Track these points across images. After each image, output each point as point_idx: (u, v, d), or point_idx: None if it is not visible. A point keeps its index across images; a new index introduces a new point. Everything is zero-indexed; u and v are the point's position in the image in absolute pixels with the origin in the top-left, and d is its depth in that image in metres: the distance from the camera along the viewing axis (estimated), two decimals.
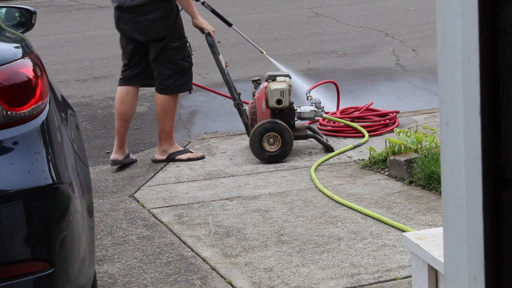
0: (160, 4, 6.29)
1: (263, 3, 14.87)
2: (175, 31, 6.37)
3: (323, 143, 6.48)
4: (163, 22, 6.31)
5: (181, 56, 6.40)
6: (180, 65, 6.40)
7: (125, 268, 4.68)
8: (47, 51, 11.41)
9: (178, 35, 6.39)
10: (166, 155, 6.50)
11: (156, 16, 6.29)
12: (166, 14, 6.31)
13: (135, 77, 6.50)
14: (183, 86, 6.46)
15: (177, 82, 6.41)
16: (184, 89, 6.49)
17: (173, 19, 6.34)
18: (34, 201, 3.11)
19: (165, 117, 6.44)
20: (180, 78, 6.41)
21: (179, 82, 6.42)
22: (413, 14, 12.94)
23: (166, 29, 6.32)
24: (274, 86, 6.37)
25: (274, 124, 6.33)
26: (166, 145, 6.49)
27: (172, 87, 6.41)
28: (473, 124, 1.42)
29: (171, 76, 6.38)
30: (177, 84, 6.42)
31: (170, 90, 6.41)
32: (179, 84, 6.43)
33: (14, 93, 3.19)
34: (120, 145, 6.50)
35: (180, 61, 6.40)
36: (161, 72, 6.39)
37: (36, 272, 3.09)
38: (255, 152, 6.36)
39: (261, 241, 4.91)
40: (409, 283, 4.21)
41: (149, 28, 6.33)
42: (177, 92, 6.46)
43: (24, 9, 4.37)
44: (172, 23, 6.33)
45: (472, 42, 1.41)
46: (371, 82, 9.09)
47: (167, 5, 6.32)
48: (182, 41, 6.41)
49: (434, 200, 5.34)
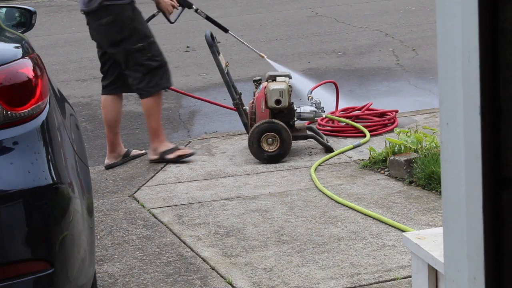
0: (110, 8, 6.24)
1: (263, 3, 14.86)
2: (133, 33, 6.30)
3: (322, 143, 6.48)
4: (115, 26, 6.27)
5: (146, 57, 6.34)
6: (148, 65, 6.34)
7: (125, 268, 4.68)
8: (47, 51, 11.41)
9: (139, 37, 6.32)
10: (158, 155, 6.50)
11: (107, 20, 6.26)
12: (118, 18, 6.25)
13: (111, 85, 6.52)
14: (157, 85, 6.41)
15: (150, 83, 6.37)
16: (158, 88, 6.42)
17: (127, 22, 6.27)
18: (34, 201, 3.11)
19: (150, 116, 6.45)
20: (152, 79, 6.36)
21: (152, 83, 6.37)
22: (413, 14, 12.94)
23: (119, 33, 6.27)
24: (273, 86, 6.37)
25: (272, 124, 6.33)
26: (156, 144, 6.48)
27: (146, 89, 6.39)
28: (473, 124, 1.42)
29: (143, 79, 6.35)
30: (151, 85, 6.37)
31: (146, 93, 6.40)
32: (153, 85, 6.38)
33: (14, 93, 3.19)
34: (110, 150, 6.59)
35: (147, 61, 6.34)
36: (134, 77, 6.38)
37: (36, 272, 3.09)
38: (254, 153, 6.36)
39: (261, 241, 4.91)
40: (409, 283, 4.21)
41: (104, 33, 6.32)
42: (153, 93, 6.40)
43: (24, 9, 4.37)
44: (126, 26, 6.27)
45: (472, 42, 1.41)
46: (371, 82, 9.09)
47: (118, 9, 6.25)
48: (145, 41, 6.35)
49: (434, 200, 5.34)
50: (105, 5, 6.23)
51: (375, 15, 13.02)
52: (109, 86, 6.53)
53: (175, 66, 10.49)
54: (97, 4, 6.24)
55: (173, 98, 8.76)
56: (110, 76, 6.52)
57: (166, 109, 8.59)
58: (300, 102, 7.33)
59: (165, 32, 12.56)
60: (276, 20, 13.20)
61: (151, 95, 6.39)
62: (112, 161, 6.57)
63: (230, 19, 12.78)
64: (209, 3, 14.46)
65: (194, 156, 6.60)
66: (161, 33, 12.93)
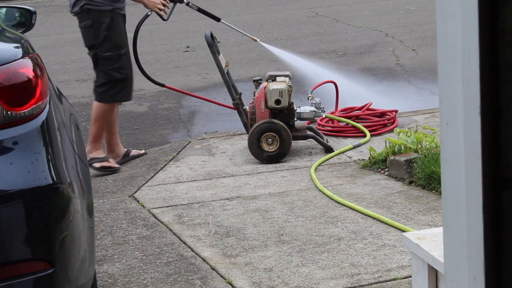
0: (91, 13, 6.28)
1: (263, 3, 14.87)
2: (106, 41, 6.31)
3: (322, 143, 6.48)
4: (92, 31, 6.30)
5: (112, 67, 6.34)
6: (111, 75, 6.35)
7: (125, 268, 4.68)
8: (47, 51, 11.41)
9: (110, 46, 6.32)
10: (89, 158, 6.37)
11: (86, 24, 6.32)
12: (96, 23, 6.28)
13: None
14: (113, 97, 6.41)
15: (108, 92, 6.38)
16: (113, 99, 6.42)
17: (103, 29, 6.29)
18: (34, 201, 3.11)
19: (96, 122, 6.41)
20: (111, 89, 6.37)
21: (110, 92, 6.38)
22: (413, 14, 12.94)
23: (95, 39, 6.31)
24: (273, 86, 6.37)
25: (271, 124, 6.33)
26: (90, 147, 6.39)
27: (102, 95, 6.40)
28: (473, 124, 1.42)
29: (103, 85, 6.38)
30: (108, 94, 6.39)
31: (99, 98, 6.41)
32: (110, 94, 6.39)
33: (14, 93, 3.19)
34: (109, 150, 6.62)
35: (111, 71, 6.35)
36: (96, 79, 6.44)
37: (36, 272, 3.09)
38: (254, 153, 6.36)
39: (261, 241, 4.91)
40: (409, 283, 4.21)
41: (83, 35, 6.40)
42: (106, 101, 6.40)
43: (24, 9, 4.37)
44: (102, 33, 6.29)
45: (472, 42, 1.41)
46: (371, 82, 9.09)
47: (98, 14, 6.28)
48: (115, 52, 6.34)
49: (434, 200, 5.34)
50: (86, 9, 6.29)
51: (375, 15, 13.02)
52: None
53: (175, 66, 10.50)
54: (78, 8, 6.31)
55: (173, 98, 8.77)
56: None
57: (166, 109, 8.60)
58: (300, 102, 7.33)
59: (165, 32, 12.57)
60: (276, 20, 13.20)
61: (104, 102, 6.40)
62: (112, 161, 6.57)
63: (230, 19, 12.76)
64: (209, 3, 14.45)
65: (193, 155, 6.60)
66: (161, 33, 12.94)
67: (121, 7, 6.38)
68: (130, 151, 6.71)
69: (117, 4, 6.35)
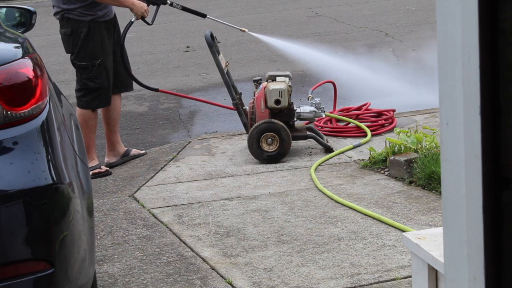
0: (70, 21, 6.32)
1: (263, 3, 14.87)
2: (81, 51, 6.34)
3: (322, 143, 6.48)
4: (71, 40, 6.35)
5: (87, 76, 6.38)
6: (85, 84, 6.39)
7: (125, 268, 4.68)
8: (47, 51, 11.41)
9: (85, 55, 6.34)
10: None
11: (66, 32, 6.37)
12: (75, 32, 6.32)
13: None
14: (88, 103, 6.44)
15: (82, 98, 6.44)
16: (87, 106, 6.45)
17: (81, 38, 6.31)
18: (34, 201, 3.11)
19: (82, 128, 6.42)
20: (85, 95, 6.43)
21: (85, 99, 6.43)
22: (413, 14, 12.94)
23: (73, 47, 6.36)
24: (273, 86, 6.37)
25: (271, 124, 6.33)
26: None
27: (78, 99, 6.48)
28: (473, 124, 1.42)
29: (79, 90, 6.45)
30: (83, 100, 6.44)
31: (78, 102, 6.47)
32: (85, 101, 6.44)
33: (14, 93, 3.19)
34: (110, 148, 6.65)
35: (85, 80, 6.39)
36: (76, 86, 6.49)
37: (36, 272, 3.09)
38: (253, 153, 6.36)
39: (261, 241, 4.91)
40: (409, 283, 4.21)
41: (62, 42, 6.46)
42: (82, 107, 6.45)
43: (24, 9, 4.38)
44: (79, 42, 6.32)
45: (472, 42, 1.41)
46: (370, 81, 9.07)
47: (76, 23, 6.30)
48: (90, 62, 6.36)
49: (434, 200, 5.34)
50: (66, 17, 6.33)
51: (375, 15, 13.02)
52: None
53: (175, 66, 10.50)
54: (59, 15, 6.35)
55: (173, 98, 8.76)
56: None
57: (166, 109, 8.60)
58: (300, 102, 7.33)
59: (165, 32, 12.57)
60: (276, 20, 13.20)
61: (81, 108, 6.44)
62: (112, 160, 6.59)
63: (230, 19, 12.77)
64: (209, 3, 14.47)
65: (193, 155, 6.61)
66: (161, 33, 12.94)
67: (103, 14, 6.38)
68: (130, 151, 6.73)
69: (99, 12, 6.35)
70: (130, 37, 6.54)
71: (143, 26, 6.72)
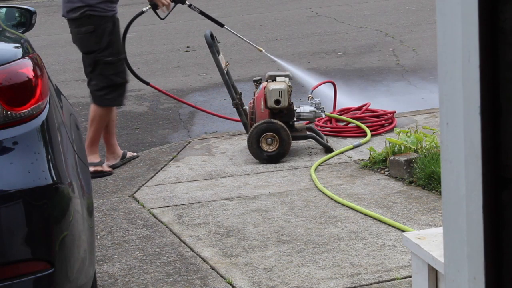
0: (92, 19, 6.27)
1: (263, 3, 14.87)
2: (108, 47, 6.33)
3: (322, 143, 6.47)
4: (94, 37, 6.30)
5: (114, 72, 6.38)
6: (112, 80, 6.39)
7: (125, 268, 4.68)
8: (47, 51, 11.41)
9: (112, 51, 6.35)
10: None
11: (87, 30, 6.30)
12: (98, 29, 6.29)
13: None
14: (113, 100, 6.45)
15: (107, 96, 6.41)
16: (113, 103, 6.46)
17: (106, 35, 6.31)
18: (34, 201, 3.11)
19: (92, 125, 6.45)
20: (111, 93, 6.41)
21: (110, 96, 6.41)
22: (413, 14, 12.95)
23: (96, 44, 6.31)
24: (272, 86, 6.37)
25: (270, 124, 6.33)
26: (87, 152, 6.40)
27: (102, 99, 6.42)
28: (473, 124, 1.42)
29: (102, 89, 6.40)
30: (107, 98, 6.42)
31: (99, 102, 6.43)
32: (109, 98, 6.42)
33: (14, 93, 3.19)
34: (110, 151, 6.62)
35: (113, 76, 6.39)
36: (95, 83, 6.43)
37: (36, 272, 3.09)
38: (253, 153, 6.36)
39: (261, 241, 4.91)
40: (409, 283, 4.21)
41: (81, 40, 6.37)
42: (106, 105, 6.43)
43: (24, 9, 4.37)
44: (104, 38, 6.31)
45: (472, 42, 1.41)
46: (371, 82, 9.09)
47: (100, 20, 6.28)
48: (117, 57, 6.38)
49: (434, 200, 5.34)
50: (88, 15, 6.27)
51: (375, 15, 13.02)
52: None
53: (175, 66, 10.50)
54: (79, 14, 6.29)
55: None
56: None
57: (166, 109, 8.60)
58: (300, 102, 7.33)
59: (165, 32, 12.57)
60: (276, 20, 13.20)
61: (103, 105, 6.41)
62: (112, 163, 6.57)
63: (230, 19, 12.78)
64: (209, 3, 14.47)
65: (193, 155, 6.61)
66: (161, 33, 12.94)
67: (117, 10, 6.40)
68: (126, 153, 6.72)
69: (116, 8, 6.37)
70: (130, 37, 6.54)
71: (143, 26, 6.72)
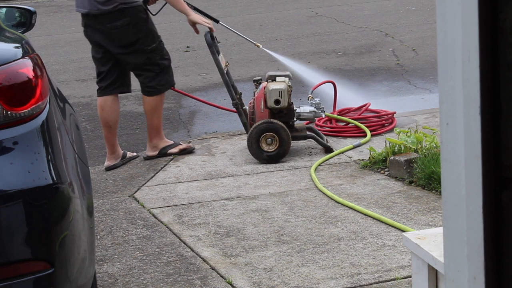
0: (126, 11, 6.31)
1: (263, 3, 14.87)
2: (148, 34, 6.41)
3: (322, 143, 6.47)
4: (131, 28, 6.35)
5: (160, 56, 6.50)
6: (162, 64, 6.51)
7: (125, 268, 4.68)
8: (47, 51, 11.41)
9: (152, 37, 6.45)
10: (158, 151, 6.59)
11: (123, 23, 6.33)
12: (134, 20, 6.34)
13: (110, 87, 6.58)
14: (167, 83, 6.60)
15: (161, 82, 6.53)
16: (168, 86, 6.62)
17: (143, 23, 6.37)
18: (34, 201, 3.11)
19: (154, 114, 6.57)
20: (163, 77, 6.53)
21: (163, 81, 6.54)
22: (413, 14, 12.94)
23: (135, 34, 6.36)
24: (272, 86, 6.37)
25: (270, 124, 6.33)
26: (156, 141, 6.59)
27: (157, 87, 6.53)
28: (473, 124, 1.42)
29: (155, 78, 6.50)
30: (162, 83, 6.54)
31: (156, 91, 6.53)
32: (164, 83, 6.56)
33: (14, 93, 3.19)
34: (111, 151, 6.63)
35: (161, 60, 6.50)
36: (145, 76, 6.50)
37: (36, 272, 3.09)
38: (253, 153, 6.36)
39: (261, 241, 4.91)
40: (409, 283, 4.21)
41: (118, 34, 6.37)
42: (163, 91, 6.59)
43: (24, 9, 4.37)
44: (141, 28, 6.37)
45: (472, 42, 1.41)
46: (371, 82, 9.09)
47: (134, 11, 6.34)
48: (157, 41, 6.49)
49: (434, 200, 5.34)
50: (121, 8, 6.29)
51: (375, 15, 13.02)
52: (109, 86, 6.55)
53: (175, 66, 10.47)
54: (111, 7, 6.28)
55: (173, 98, 8.76)
56: (109, 77, 6.54)
57: (166, 109, 8.59)
58: (300, 102, 7.33)
59: (165, 32, 12.56)
60: (276, 20, 13.20)
61: (160, 93, 6.54)
62: (113, 163, 6.57)
63: (230, 19, 12.78)
64: (209, 3, 14.46)
65: (193, 155, 6.63)
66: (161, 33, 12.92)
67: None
68: (126, 153, 6.72)
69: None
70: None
71: None
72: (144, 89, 6.56)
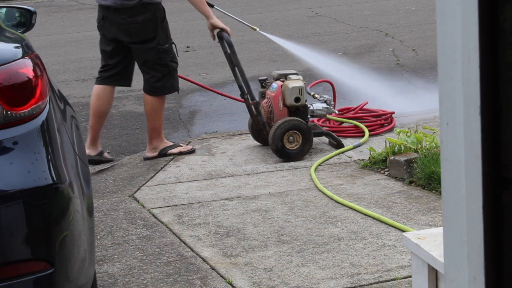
0: (148, 6, 6.33)
1: (263, 3, 14.86)
2: (163, 34, 6.43)
3: (336, 139, 6.53)
4: (151, 24, 6.37)
5: (170, 58, 6.49)
6: (170, 66, 6.50)
7: (125, 268, 4.68)
8: (47, 51, 11.41)
9: (166, 38, 6.46)
10: (157, 152, 6.58)
11: (144, 18, 6.34)
12: (154, 16, 6.36)
13: (111, 78, 6.58)
14: (172, 87, 6.57)
15: (166, 84, 6.51)
16: (172, 89, 6.60)
17: (160, 21, 6.40)
18: (34, 201, 3.11)
19: (155, 115, 6.55)
20: (169, 80, 6.51)
21: (168, 84, 6.52)
22: (413, 14, 12.94)
23: (154, 31, 6.38)
24: (292, 84, 6.41)
25: (295, 122, 6.35)
26: (156, 142, 6.59)
27: (162, 88, 6.51)
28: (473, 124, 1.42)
29: (161, 79, 6.48)
30: (166, 86, 6.52)
31: (160, 92, 6.52)
32: (168, 86, 6.53)
33: (14, 93, 3.19)
34: (92, 141, 6.58)
35: (170, 62, 6.50)
36: (152, 75, 6.48)
37: (36, 272, 3.09)
38: (277, 151, 6.31)
39: (261, 241, 4.91)
40: (409, 283, 4.21)
41: (137, 29, 6.38)
42: (166, 93, 6.58)
43: (24, 9, 4.37)
44: (160, 25, 6.40)
45: (472, 42, 1.41)
46: (371, 82, 9.08)
47: (155, 7, 6.37)
48: (169, 43, 6.49)
49: (434, 200, 5.34)
50: (144, 3, 6.31)
51: (375, 15, 13.02)
52: (112, 77, 6.54)
53: None
54: (136, 2, 6.31)
55: (173, 98, 8.76)
56: (114, 69, 6.53)
57: (166, 109, 8.58)
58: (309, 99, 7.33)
59: None
60: (276, 20, 13.20)
61: (163, 94, 6.53)
62: (93, 153, 6.49)
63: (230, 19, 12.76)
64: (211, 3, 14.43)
65: (193, 155, 6.63)
66: None
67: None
68: (104, 152, 6.68)
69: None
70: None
71: None
72: (148, 88, 6.53)
